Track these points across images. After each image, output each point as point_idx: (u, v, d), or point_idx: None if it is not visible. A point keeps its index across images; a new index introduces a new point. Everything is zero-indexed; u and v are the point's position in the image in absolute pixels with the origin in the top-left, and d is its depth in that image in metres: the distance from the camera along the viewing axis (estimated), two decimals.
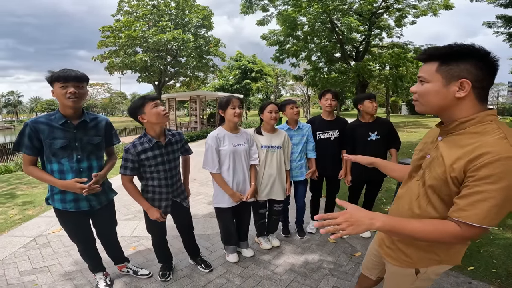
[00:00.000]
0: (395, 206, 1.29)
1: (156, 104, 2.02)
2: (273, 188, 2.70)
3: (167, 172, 2.15)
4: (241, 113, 2.39)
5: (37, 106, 78.88)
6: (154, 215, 2.11)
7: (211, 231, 3.32)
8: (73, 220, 2.02)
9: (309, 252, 2.84)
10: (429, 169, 1.07)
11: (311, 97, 40.45)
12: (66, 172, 1.91)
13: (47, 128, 1.84)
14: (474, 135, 0.97)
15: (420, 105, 1.08)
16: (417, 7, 13.35)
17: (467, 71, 0.94)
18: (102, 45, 14.43)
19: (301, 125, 2.98)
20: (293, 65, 16.31)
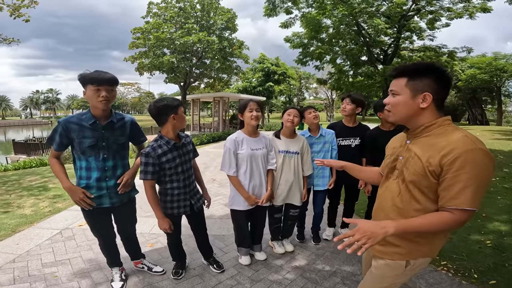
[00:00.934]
0: (377, 205, 1.43)
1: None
2: (289, 194, 2.68)
3: (185, 173, 2.21)
4: (259, 116, 2.38)
5: (73, 104, 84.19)
6: (163, 226, 2.14)
7: (226, 232, 3.33)
8: (95, 215, 2.12)
9: (323, 259, 2.78)
10: (406, 167, 1.24)
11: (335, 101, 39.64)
12: (93, 169, 2.04)
13: (77, 128, 1.96)
14: (438, 135, 1.17)
15: (392, 115, 1.27)
16: (452, 10, 12.68)
17: (428, 85, 1.15)
18: (133, 46, 15.12)
19: (324, 132, 2.89)
20: (317, 67, 16.13)
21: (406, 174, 1.24)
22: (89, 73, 1.92)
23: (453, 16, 12.77)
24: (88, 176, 2.04)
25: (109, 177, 2.09)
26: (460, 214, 1.10)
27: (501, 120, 28.90)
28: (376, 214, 1.43)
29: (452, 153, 1.08)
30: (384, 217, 1.33)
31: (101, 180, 2.06)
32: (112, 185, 2.10)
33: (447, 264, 2.63)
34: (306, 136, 2.86)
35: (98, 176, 2.05)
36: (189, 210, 2.29)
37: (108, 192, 2.09)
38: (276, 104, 31.26)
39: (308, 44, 14.81)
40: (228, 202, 2.59)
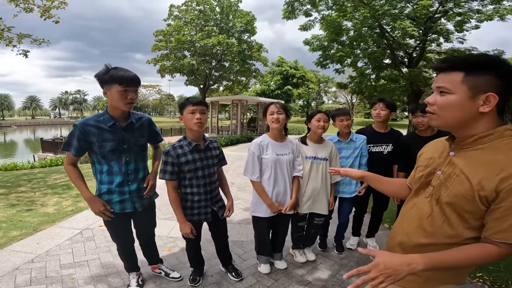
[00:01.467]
0: (398, 224, 1.21)
1: (194, 110, 1.98)
2: (315, 202, 2.54)
3: (206, 178, 2.11)
4: (281, 118, 2.25)
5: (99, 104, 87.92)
6: (185, 230, 2.08)
7: (245, 238, 3.23)
8: (116, 220, 2.05)
9: (346, 269, 2.64)
10: (446, 186, 1.00)
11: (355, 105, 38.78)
12: (115, 173, 1.95)
13: (96, 131, 1.85)
14: (496, 150, 0.93)
15: (437, 119, 1.00)
16: (481, 12, 12.02)
17: (491, 84, 0.89)
18: (155, 48, 15.50)
19: (354, 137, 2.73)
20: (337, 71, 15.75)
21: (443, 194, 1.00)
22: (114, 70, 1.77)
23: (483, 18, 12.10)
24: (110, 181, 1.96)
25: (131, 181, 2.01)
26: (508, 248, 0.91)
27: None
28: (396, 233, 1.20)
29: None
30: (404, 239, 1.13)
31: (124, 185, 1.98)
32: (134, 189, 2.02)
33: (482, 275, 2.46)
34: (334, 141, 2.71)
35: (121, 181, 1.96)
36: (211, 218, 2.20)
37: (130, 197, 2.02)
38: (294, 108, 30.97)
39: (328, 46, 14.50)
40: (250, 207, 2.48)
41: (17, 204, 4.39)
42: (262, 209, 2.37)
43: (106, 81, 1.78)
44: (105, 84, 1.80)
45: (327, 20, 13.27)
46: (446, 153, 1.06)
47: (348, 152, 2.72)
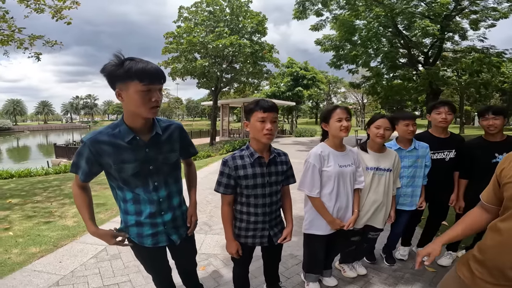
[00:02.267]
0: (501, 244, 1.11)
1: (265, 118, 1.61)
2: (374, 216, 2.29)
3: (266, 198, 1.79)
4: (349, 126, 1.97)
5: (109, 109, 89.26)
6: (231, 249, 1.82)
7: (283, 252, 2.94)
8: (150, 254, 1.71)
9: (404, 282, 2.41)
10: None
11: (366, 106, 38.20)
12: (143, 202, 1.54)
13: (112, 150, 1.41)
14: None
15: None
16: (497, 10, 11.66)
17: None
18: (166, 51, 15.37)
19: (417, 145, 2.46)
20: (351, 71, 15.46)
21: None
22: (132, 62, 1.27)
23: (498, 16, 11.80)
24: (137, 211, 1.55)
25: (164, 211, 1.60)
26: None
27: None
28: (499, 254, 1.12)
29: None
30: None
31: (156, 216, 1.57)
32: (169, 220, 1.62)
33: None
34: (394, 149, 2.44)
35: (151, 212, 1.55)
36: (267, 242, 1.88)
37: (165, 229, 1.62)
38: (304, 109, 30.65)
39: (341, 46, 14.25)
40: (303, 226, 2.23)
41: (34, 215, 4.21)
42: (321, 226, 2.12)
43: (120, 77, 1.28)
44: (119, 82, 1.30)
45: (339, 19, 13.02)
46: None
47: (410, 161, 2.46)
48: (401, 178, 2.45)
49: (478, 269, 1.21)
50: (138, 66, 1.27)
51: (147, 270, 1.87)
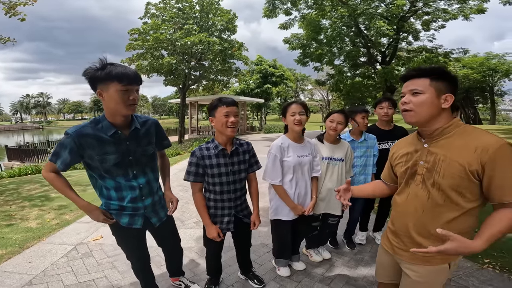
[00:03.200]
0: (400, 213, 1.39)
1: (228, 112, 1.81)
2: (330, 202, 2.52)
3: (230, 185, 1.98)
4: (303, 120, 2.17)
5: (64, 108, 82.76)
6: (212, 234, 1.98)
7: (254, 242, 3.08)
8: (131, 236, 1.84)
9: (364, 264, 2.67)
10: (436, 171, 1.23)
11: (331, 102, 39.85)
12: (124, 189, 1.69)
13: (95, 142, 1.55)
14: (462, 135, 1.20)
15: (413, 115, 1.25)
16: (447, 11, 12.81)
17: (448, 87, 1.21)
18: (130, 47, 14.74)
19: (367, 136, 2.75)
20: (316, 68, 16.10)
21: (438, 178, 1.22)
22: (111, 66, 1.47)
23: (448, 17, 12.88)
24: (120, 197, 1.70)
25: (145, 196, 1.78)
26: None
27: (494, 119, 29.43)
28: (402, 222, 1.38)
29: (489, 150, 1.11)
30: (413, 223, 1.32)
31: (137, 201, 1.75)
32: (149, 204, 1.81)
33: (491, 262, 2.60)
34: (348, 140, 2.70)
35: (133, 197, 1.72)
36: (233, 228, 2.08)
37: (145, 212, 1.81)
38: (272, 106, 31.19)
39: (307, 45, 14.78)
40: (269, 213, 2.41)
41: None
42: (285, 212, 2.30)
43: (102, 79, 1.46)
44: (100, 83, 1.48)
45: (307, 19, 13.47)
46: (420, 146, 1.31)
47: (361, 151, 2.74)
48: (354, 167, 2.70)
49: (394, 239, 1.46)
50: (117, 69, 1.46)
51: (128, 257, 1.97)
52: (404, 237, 1.39)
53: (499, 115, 29.91)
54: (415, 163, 1.31)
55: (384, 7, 13.05)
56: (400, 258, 1.42)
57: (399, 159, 1.41)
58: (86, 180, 5.91)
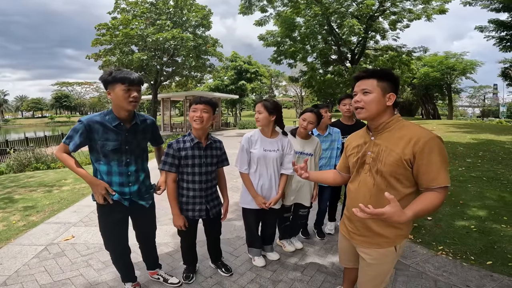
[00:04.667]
0: (352, 199, 1.56)
1: (195, 109, 2.07)
2: (300, 194, 2.71)
3: (202, 176, 2.16)
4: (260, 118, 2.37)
5: (22, 105, 76.57)
6: (178, 222, 2.15)
7: (230, 235, 3.27)
8: (116, 214, 1.99)
9: (333, 252, 2.88)
10: (379, 160, 1.40)
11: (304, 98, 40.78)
12: (114, 174, 1.94)
13: (101, 129, 1.86)
14: (400, 129, 1.39)
15: (365, 112, 1.42)
16: (412, 11, 13.62)
17: (391, 87, 1.39)
18: (96, 43, 14.07)
19: (331, 131, 2.99)
20: (290, 65, 16.42)
21: (380, 166, 1.40)
22: (118, 72, 1.83)
23: (413, 17, 13.74)
24: (108, 181, 1.94)
25: (132, 183, 2.01)
26: (442, 191, 1.29)
27: (451, 115, 31.88)
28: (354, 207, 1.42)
29: (419, 142, 1.29)
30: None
31: (124, 186, 1.98)
32: (135, 191, 2.03)
33: (444, 249, 2.87)
34: (315, 134, 2.89)
35: (121, 182, 1.96)
36: (205, 215, 2.25)
37: (131, 197, 2.02)
38: (247, 102, 31.30)
39: (282, 42, 15.03)
40: (239, 200, 2.59)
41: None
42: (248, 200, 2.48)
43: (110, 82, 1.82)
44: (109, 85, 1.83)
45: (282, 16, 13.67)
46: (368, 139, 1.51)
47: (327, 144, 2.96)
48: (320, 159, 2.92)
49: (349, 224, 1.63)
50: (121, 74, 1.81)
51: (107, 245, 2.09)
52: (356, 222, 1.56)
53: (456, 110, 32.38)
54: (364, 154, 1.49)
55: (355, 6, 13.58)
56: (355, 242, 1.59)
57: (351, 151, 1.60)
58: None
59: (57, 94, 70.11)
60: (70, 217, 3.85)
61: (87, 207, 4.16)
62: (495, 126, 17.69)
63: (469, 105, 52.58)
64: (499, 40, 13.86)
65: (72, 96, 70.63)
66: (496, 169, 5.97)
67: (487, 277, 2.39)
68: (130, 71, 1.89)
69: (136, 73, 1.89)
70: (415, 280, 2.36)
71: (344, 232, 1.68)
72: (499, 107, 39.25)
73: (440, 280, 2.36)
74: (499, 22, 13.00)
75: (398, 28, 14.36)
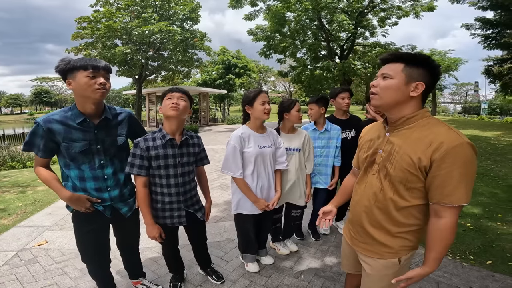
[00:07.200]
0: (357, 202, 1.37)
1: (171, 96, 1.77)
2: (290, 193, 2.50)
3: (178, 178, 1.87)
4: (270, 109, 2.14)
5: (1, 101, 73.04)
6: (152, 233, 1.85)
7: (220, 238, 3.07)
8: (94, 226, 1.75)
9: (330, 255, 2.74)
10: (390, 162, 1.19)
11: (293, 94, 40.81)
12: (88, 179, 1.68)
13: (62, 129, 1.58)
14: (422, 128, 1.14)
15: (379, 99, 1.20)
16: (401, 8, 13.69)
17: (422, 76, 1.13)
18: (77, 36, 13.39)
19: (329, 127, 2.76)
20: (279, 61, 16.24)
21: (390, 169, 1.19)
22: (78, 59, 1.55)
23: (402, 14, 13.80)
24: (83, 188, 1.68)
25: (111, 187, 1.74)
26: (454, 211, 1.10)
27: (435, 111, 32.65)
28: (357, 211, 1.35)
29: (441, 148, 1.06)
30: (366, 213, 1.30)
31: (102, 191, 1.72)
32: (116, 195, 1.77)
33: None
34: (310, 129, 2.72)
35: (97, 187, 1.70)
36: (185, 222, 1.98)
37: (112, 203, 1.77)
38: (236, 97, 30.92)
39: (272, 37, 14.82)
40: (232, 207, 2.33)
41: None
42: (247, 206, 2.23)
43: (69, 70, 1.54)
44: (68, 73, 1.55)
45: (272, 10, 13.44)
46: (383, 134, 1.27)
47: (322, 142, 2.76)
48: (315, 157, 2.69)
49: (351, 228, 1.43)
50: (82, 61, 1.54)
51: (84, 256, 1.84)
52: (357, 226, 1.38)
53: (439, 107, 33.30)
54: (375, 151, 1.28)
55: (346, 1, 13.53)
56: (356, 248, 1.41)
57: (363, 145, 1.39)
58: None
59: (36, 90, 67.31)
60: (44, 220, 3.56)
61: (63, 209, 3.84)
62: (478, 122, 18.21)
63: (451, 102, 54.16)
64: (484, 38, 14.14)
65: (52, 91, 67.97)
66: (485, 165, 6.03)
67: (489, 278, 2.32)
68: (94, 58, 1.63)
69: (98, 59, 1.61)
70: (417, 282, 2.24)
71: (347, 237, 1.50)
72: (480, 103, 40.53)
73: (442, 282, 2.26)
74: (486, 20, 13.23)
75: (387, 25, 14.40)
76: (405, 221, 1.21)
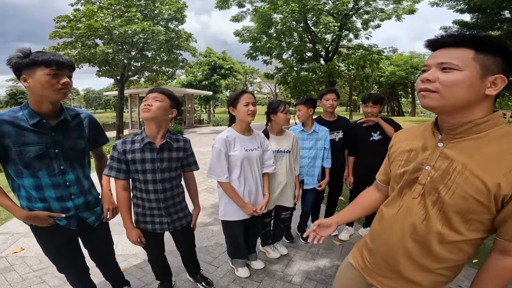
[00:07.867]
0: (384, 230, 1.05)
1: (147, 98, 1.68)
2: (281, 196, 2.46)
3: (157, 184, 1.75)
4: (255, 111, 2.06)
5: None
6: (132, 237, 1.78)
7: (207, 242, 3.00)
8: (59, 241, 1.60)
9: (320, 257, 2.72)
10: (445, 185, 0.86)
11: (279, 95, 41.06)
12: (46, 187, 1.48)
13: (13, 131, 1.37)
14: (498, 139, 0.82)
15: (438, 98, 0.84)
16: (384, 11, 14.09)
17: (501, 67, 0.80)
18: (55, 36, 12.81)
19: (317, 128, 2.74)
20: (265, 62, 16.31)
21: (445, 196, 0.86)
22: (39, 53, 1.36)
23: (384, 17, 14.21)
24: (41, 198, 1.48)
25: (75, 195, 1.58)
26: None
27: (414, 112, 33.85)
28: (382, 240, 1.06)
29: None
30: (395, 245, 1.00)
31: (65, 200, 1.55)
32: (81, 203, 1.61)
33: (479, 261, 2.71)
34: (298, 131, 2.70)
35: (59, 196, 1.52)
36: (169, 229, 1.89)
37: (77, 213, 1.61)
38: (221, 99, 30.75)
39: (258, 38, 14.85)
40: (219, 213, 2.24)
41: None
42: (234, 211, 2.15)
43: (27, 65, 1.33)
44: (25, 69, 1.34)
45: (259, 12, 13.46)
46: (431, 144, 0.94)
47: (311, 143, 2.73)
48: (303, 158, 2.69)
49: (368, 259, 1.13)
50: (45, 56, 1.35)
51: (59, 268, 1.71)
52: (380, 259, 1.08)
53: (417, 108, 34.58)
54: (419, 167, 0.94)
55: (331, 4, 13.77)
56: (371, 280, 1.13)
57: (398, 156, 1.04)
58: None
59: (12, 91, 64.24)
60: (19, 226, 3.36)
61: None
62: None
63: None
64: None
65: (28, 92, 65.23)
66: None
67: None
68: (57, 53, 1.45)
69: (62, 55, 1.44)
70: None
71: (359, 264, 1.18)
72: None
73: None
74: (463, 22, 13.79)
75: (370, 27, 14.79)
76: (449, 256, 0.92)
